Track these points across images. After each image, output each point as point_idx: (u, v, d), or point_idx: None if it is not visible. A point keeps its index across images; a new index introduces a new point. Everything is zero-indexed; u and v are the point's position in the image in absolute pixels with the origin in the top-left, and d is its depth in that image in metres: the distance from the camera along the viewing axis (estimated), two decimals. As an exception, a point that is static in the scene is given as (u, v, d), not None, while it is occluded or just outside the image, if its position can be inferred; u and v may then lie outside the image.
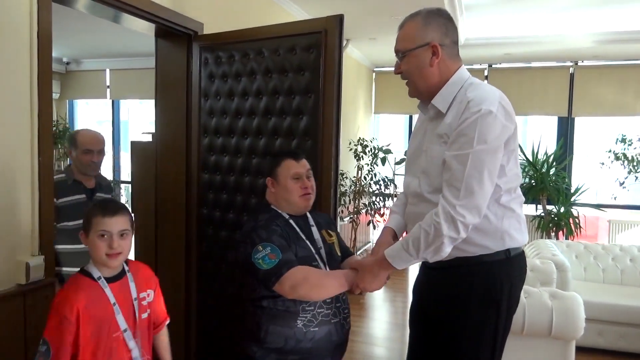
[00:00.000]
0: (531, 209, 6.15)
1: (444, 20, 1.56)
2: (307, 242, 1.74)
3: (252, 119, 2.53)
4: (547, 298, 2.71)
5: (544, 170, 5.76)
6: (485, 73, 6.68)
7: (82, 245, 2.05)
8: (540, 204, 5.83)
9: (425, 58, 1.54)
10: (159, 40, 2.93)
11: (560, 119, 6.50)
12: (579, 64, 6.30)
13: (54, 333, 1.42)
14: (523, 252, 1.67)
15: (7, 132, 1.79)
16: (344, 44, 2.28)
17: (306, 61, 2.32)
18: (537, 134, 6.16)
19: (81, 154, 2.45)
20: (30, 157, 1.87)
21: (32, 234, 1.89)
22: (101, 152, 2.52)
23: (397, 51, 1.61)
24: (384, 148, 6.10)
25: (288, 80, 2.39)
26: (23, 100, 1.84)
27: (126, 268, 1.61)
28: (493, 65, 6.67)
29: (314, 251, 1.73)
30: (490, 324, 1.58)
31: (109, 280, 1.55)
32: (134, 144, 3.48)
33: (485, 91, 1.49)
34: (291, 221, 1.76)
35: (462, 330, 1.57)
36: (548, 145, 6.09)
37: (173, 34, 2.80)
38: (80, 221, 2.35)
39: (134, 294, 1.59)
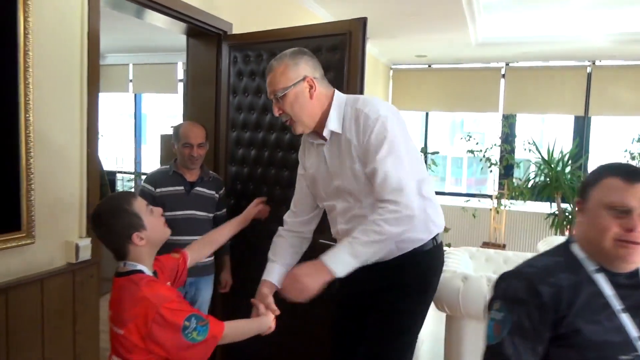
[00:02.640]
0: (545, 207, 6.22)
1: (309, 57, 1.66)
2: (624, 316, 1.11)
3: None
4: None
5: (559, 168, 5.83)
6: (502, 72, 6.75)
7: (175, 237, 2.10)
8: (554, 202, 5.90)
9: (304, 92, 1.62)
10: (190, 39, 3.08)
11: (577, 118, 6.54)
12: (596, 63, 6.33)
13: (184, 307, 1.35)
14: (442, 243, 1.81)
15: (60, 126, 1.96)
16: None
17: (331, 61, 2.46)
18: (553, 133, 6.22)
19: (181, 147, 2.48)
20: (80, 148, 2.04)
21: (81, 218, 2.06)
22: (201, 146, 2.50)
23: (273, 93, 1.64)
24: (400, 144, 6.21)
25: (313, 79, 2.52)
26: (74, 96, 2.01)
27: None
28: (510, 64, 6.72)
29: (637, 333, 1.10)
30: (422, 309, 1.76)
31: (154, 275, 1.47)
32: (163, 137, 3.64)
33: (372, 101, 1.64)
34: (600, 277, 1.14)
35: (400, 315, 1.71)
36: (564, 144, 6.15)
37: (203, 34, 2.95)
38: (176, 212, 2.38)
39: None
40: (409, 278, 1.69)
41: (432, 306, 3.06)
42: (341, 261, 1.49)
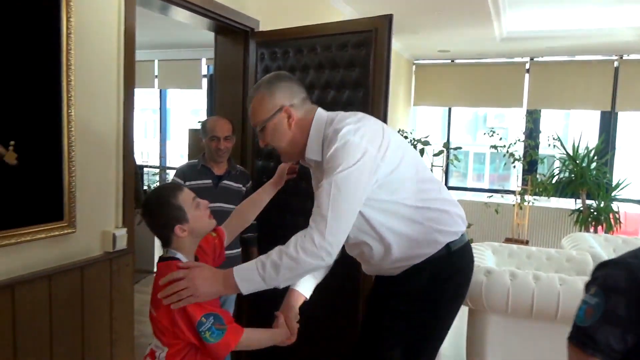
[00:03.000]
0: (570, 203, 6.16)
1: (286, 83, 1.60)
2: None
3: (305, 110, 2.73)
4: (582, 285, 2.82)
5: (584, 164, 5.77)
6: (527, 66, 6.68)
7: None
8: (579, 198, 5.84)
9: (282, 123, 1.56)
10: (218, 36, 3.16)
11: (603, 114, 6.44)
12: (624, 57, 6.23)
13: (207, 306, 1.39)
14: (466, 245, 1.67)
15: (99, 120, 2.06)
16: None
17: (357, 57, 2.51)
18: (579, 129, 6.15)
19: (208, 141, 2.56)
20: (116, 141, 2.14)
21: (117, 209, 2.16)
22: (228, 139, 2.57)
23: (255, 126, 1.61)
24: (422, 140, 6.23)
25: (339, 75, 2.58)
26: (112, 91, 2.10)
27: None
28: (535, 59, 6.66)
29: None
30: (434, 317, 1.64)
31: None
32: (191, 132, 3.73)
33: (347, 121, 1.52)
34: None
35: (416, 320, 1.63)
36: (589, 139, 6.08)
37: (231, 31, 3.02)
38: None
39: None
40: (415, 286, 1.61)
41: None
42: (250, 280, 1.40)
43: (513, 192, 6.48)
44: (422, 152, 6.18)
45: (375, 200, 1.51)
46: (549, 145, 6.12)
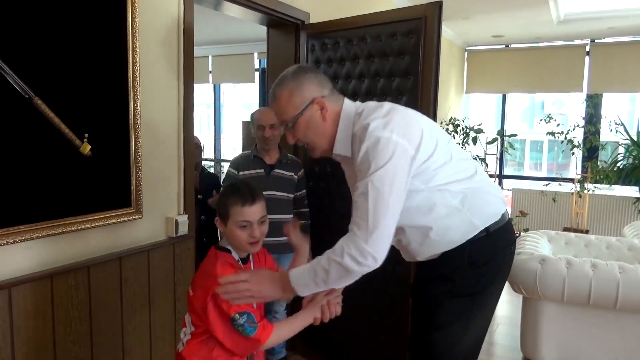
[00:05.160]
0: (634, 191, 5.87)
1: (312, 74, 1.52)
2: None
3: (355, 99, 2.76)
4: (643, 274, 2.72)
5: (650, 150, 5.50)
6: (587, 49, 6.40)
7: None
8: (644, 186, 5.57)
9: (315, 116, 1.48)
10: (270, 30, 3.24)
11: (672, 96, 6.09)
12: (695, 36, 5.85)
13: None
14: (506, 225, 1.58)
15: (162, 114, 2.19)
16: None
17: (406, 46, 2.52)
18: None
19: (256, 130, 2.67)
20: (177, 133, 2.27)
21: (179, 197, 2.30)
22: (274, 127, 2.62)
23: (283, 122, 1.51)
24: (475, 127, 6.11)
25: (389, 64, 2.60)
26: (172, 87, 2.23)
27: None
28: (596, 41, 6.36)
29: None
30: (465, 308, 1.57)
31: (242, 261, 1.54)
32: (244, 124, 3.86)
33: (369, 116, 1.44)
34: None
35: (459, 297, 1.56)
36: (657, 124, 5.77)
37: (283, 24, 3.10)
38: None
39: None
40: (455, 268, 1.53)
41: (508, 289, 3.07)
42: (305, 285, 1.42)
43: (572, 180, 6.24)
44: (475, 140, 6.08)
45: (410, 190, 1.44)
46: (611, 130, 5.85)
